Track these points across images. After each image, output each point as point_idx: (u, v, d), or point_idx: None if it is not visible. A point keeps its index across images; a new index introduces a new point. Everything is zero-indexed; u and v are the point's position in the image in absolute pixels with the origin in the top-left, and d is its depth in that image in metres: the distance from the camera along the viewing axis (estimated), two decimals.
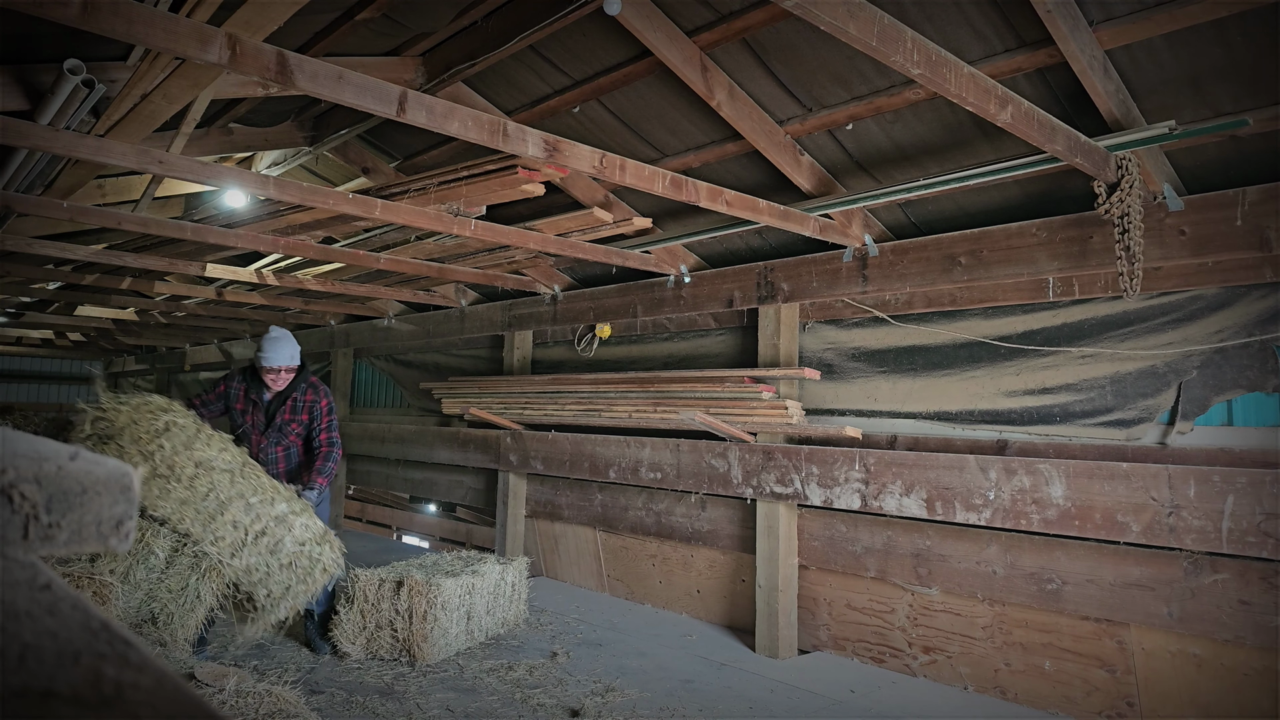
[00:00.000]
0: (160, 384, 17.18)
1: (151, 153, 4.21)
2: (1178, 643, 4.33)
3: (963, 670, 5.07)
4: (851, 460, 5.29)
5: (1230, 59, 3.66)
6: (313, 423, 5.49)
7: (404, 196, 5.29)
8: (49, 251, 6.62)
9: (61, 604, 0.56)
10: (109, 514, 0.63)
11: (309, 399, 5.49)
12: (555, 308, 7.90)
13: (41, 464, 0.60)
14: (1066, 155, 3.72)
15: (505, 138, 3.72)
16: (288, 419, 5.44)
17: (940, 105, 4.43)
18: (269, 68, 2.96)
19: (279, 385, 5.37)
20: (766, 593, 5.82)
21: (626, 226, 5.98)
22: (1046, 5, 3.50)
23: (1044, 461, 4.51)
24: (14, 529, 0.58)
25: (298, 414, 5.47)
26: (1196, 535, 4.01)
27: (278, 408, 5.41)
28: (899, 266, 5.34)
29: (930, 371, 5.47)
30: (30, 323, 12.99)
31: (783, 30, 4.29)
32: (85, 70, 3.66)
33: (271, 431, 5.42)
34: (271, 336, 5.33)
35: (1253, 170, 4.10)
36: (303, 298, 9.57)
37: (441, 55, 5.12)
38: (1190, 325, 4.47)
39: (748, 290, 6.24)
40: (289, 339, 5.38)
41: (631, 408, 6.66)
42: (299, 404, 5.47)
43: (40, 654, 0.49)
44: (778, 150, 4.98)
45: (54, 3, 2.50)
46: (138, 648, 0.53)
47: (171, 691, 0.49)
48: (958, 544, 5.07)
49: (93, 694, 0.47)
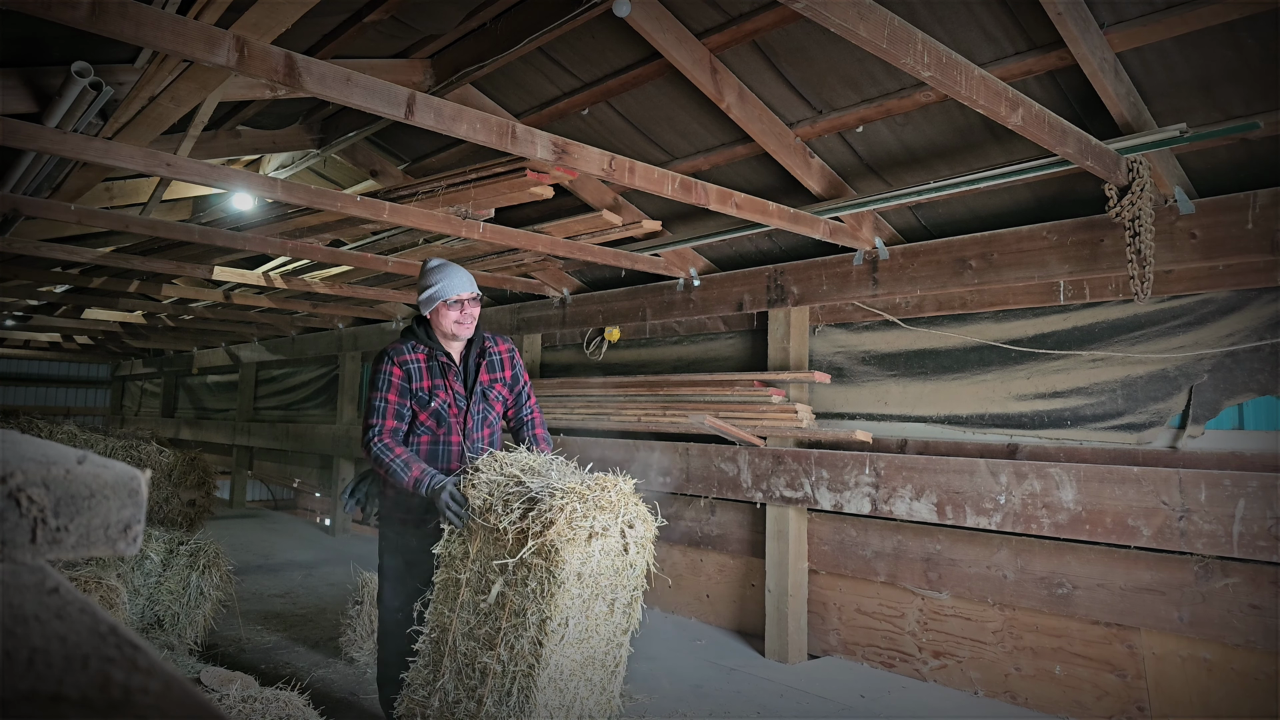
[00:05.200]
0: (168, 387, 17.24)
1: (159, 155, 4.22)
2: (1188, 647, 4.31)
3: (973, 675, 5.05)
4: (862, 464, 5.27)
5: (1241, 62, 3.64)
6: (516, 384, 4.01)
7: (412, 199, 5.30)
8: (56, 254, 6.64)
9: (69, 608, 0.55)
10: (117, 518, 0.62)
11: (502, 350, 3.98)
12: (564, 311, 7.90)
13: (49, 467, 0.60)
14: (1077, 158, 3.71)
15: (514, 140, 3.72)
16: (488, 380, 3.88)
17: (950, 108, 4.42)
18: (277, 70, 2.97)
19: (466, 330, 3.78)
20: (776, 597, 5.81)
21: (636, 229, 5.98)
22: (1057, 7, 3.49)
23: (1055, 465, 4.49)
24: (21, 532, 0.58)
25: (499, 372, 3.93)
26: (1207, 539, 3.99)
27: (475, 368, 3.85)
28: (909, 270, 5.32)
29: (941, 375, 5.45)
30: (38, 326, 13.05)
31: (793, 32, 4.29)
32: (93, 73, 3.67)
33: (476, 403, 3.82)
34: (436, 264, 3.85)
35: (1263, 173, 4.08)
36: (311, 301, 9.59)
37: (450, 57, 5.12)
38: (1201, 329, 4.45)
39: (757, 293, 6.23)
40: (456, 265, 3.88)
41: (641, 411, 6.65)
42: (495, 358, 3.93)
43: (49, 658, 0.49)
44: (788, 153, 4.97)
45: (62, 5, 2.50)
46: (146, 652, 0.52)
47: (179, 696, 0.49)
48: (968, 548, 5.06)
49: (101, 698, 0.47)
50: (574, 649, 3.04)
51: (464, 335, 3.79)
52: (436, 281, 3.74)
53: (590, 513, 2.95)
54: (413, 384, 3.72)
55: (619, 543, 3.06)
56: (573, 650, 3.04)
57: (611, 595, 3.13)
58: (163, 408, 17.30)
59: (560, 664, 2.99)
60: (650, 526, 3.18)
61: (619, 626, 3.20)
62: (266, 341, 13.06)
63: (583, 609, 3.02)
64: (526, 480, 3.16)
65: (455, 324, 3.73)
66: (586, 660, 3.12)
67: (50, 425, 7.31)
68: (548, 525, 2.88)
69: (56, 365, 20.17)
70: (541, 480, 3.15)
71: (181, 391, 17.23)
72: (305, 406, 12.78)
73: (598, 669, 3.18)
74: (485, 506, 3.13)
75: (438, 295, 3.72)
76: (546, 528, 2.88)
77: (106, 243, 7.27)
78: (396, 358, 3.74)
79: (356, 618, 5.33)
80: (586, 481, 3.09)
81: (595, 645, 3.13)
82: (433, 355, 3.77)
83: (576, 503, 2.93)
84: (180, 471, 6.77)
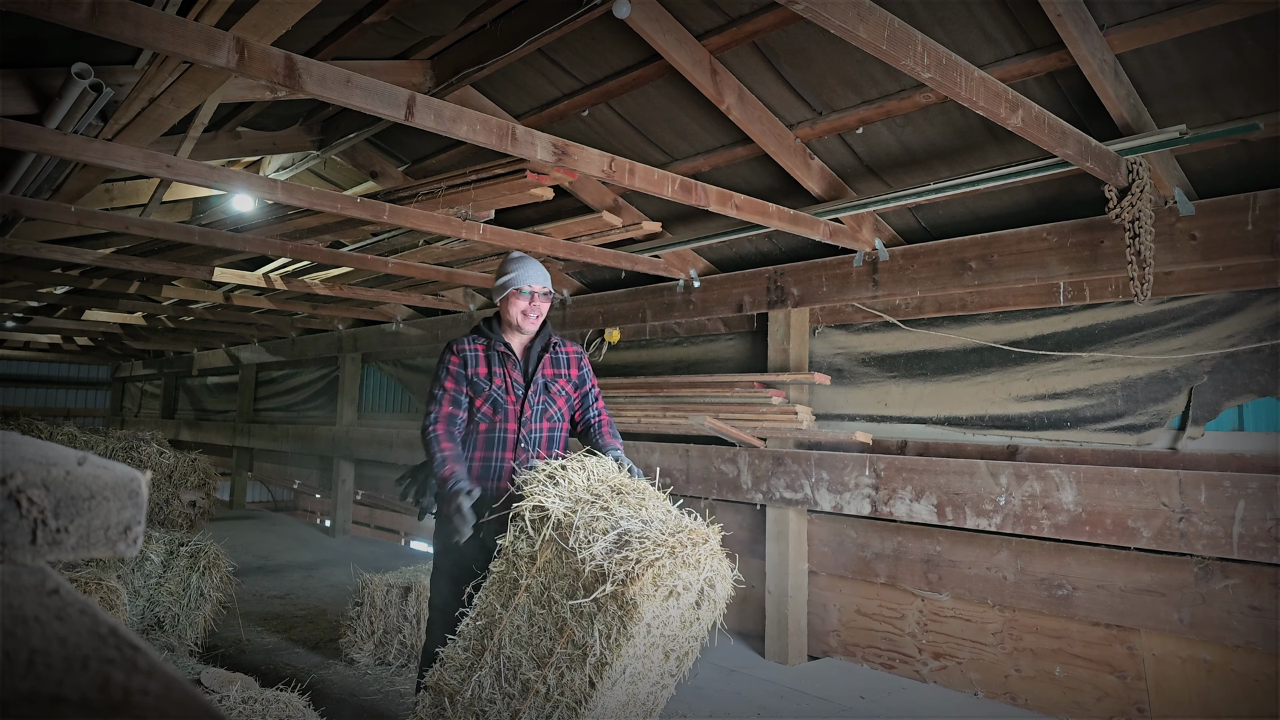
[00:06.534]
0: (168, 388, 17.24)
1: (159, 156, 4.22)
2: (1188, 648, 4.31)
3: (973, 676, 5.05)
4: (862, 465, 5.27)
5: (1241, 63, 3.64)
6: (582, 385, 3.93)
7: (413, 200, 5.30)
8: (56, 256, 6.65)
9: (70, 609, 0.55)
10: (117, 519, 0.62)
11: (570, 351, 3.93)
12: (564, 312, 7.90)
13: (49, 469, 0.60)
14: (1077, 159, 3.71)
15: (514, 141, 3.72)
16: (551, 374, 3.82)
17: (950, 109, 4.42)
18: (277, 71, 2.97)
19: (532, 323, 3.79)
20: (776, 598, 5.80)
21: (636, 231, 5.98)
22: (1057, 9, 3.49)
23: (1055, 467, 4.49)
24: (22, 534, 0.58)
25: (564, 369, 3.87)
26: (1207, 541, 3.99)
27: (538, 360, 3.81)
28: (909, 271, 5.32)
29: (941, 376, 5.45)
30: (38, 327, 13.07)
31: (793, 33, 4.29)
32: (93, 74, 3.67)
33: (535, 394, 3.75)
34: (517, 256, 3.88)
35: (1263, 174, 4.08)
36: (311, 302, 9.59)
37: (450, 59, 5.12)
38: (1201, 330, 4.45)
39: (757, 295, 6.23)
40: (536, 261, 3.89)
41: (641, 412, 6.65)
42: (562, 356, 3.88)
43: (49, 659, 0.49)
44: (788, 154, 4.97)
45: (62, 6, 2.50)
46: (146, 653, 0.52)
47: (180, 697, 0.49)
48: (968, 549, 5.06)
49: (101, 699, 0.47)
50: (623, 691, 2.97)
51: (529, 328, 3.79)
52: (513, 270, 3.77)
53: (677, 570, 2.79)
54: (468, 370, 3.72)
55: (695, 599, 2.93)
56: (621, 692, 2.96)
57: (672, 646, 3.04)
58: (163, 409, 17.31)
59: (606, 704, 2.91)
60: (728, 585, 3.04)
61: (670, 671, 3.13)
62: (266, 343, 13.06)
63: (642, 656, 2.93)
64: (615, 508, 3.00)
65: (522, 314, 3.74)
66: (630, 700, 3.05)
67: (50, 427, 7.33)
68: (632, 578, 2.71)
69: (56, 367, 20.19)
70: (630, 511, 3.00)
71: (181, 393, 17.23)
72: (305, 408, 12.79)
73: (638, 708, 3.11)
74: (565, 522, 2.97)
75: (511, 283, 3.75)
76: (630, 580, 2.71)
77: (107, 244, 7.26)
78: (456, 346, 3.78)
79: (357, 619, 5.32)
80: (678, 530, 2.91)
81: (642, 688, 3.06)
82: (492, 345, 3.77)
83: (666, 559, 2.76)
84: (181, 473, 6.78)
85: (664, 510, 3.11)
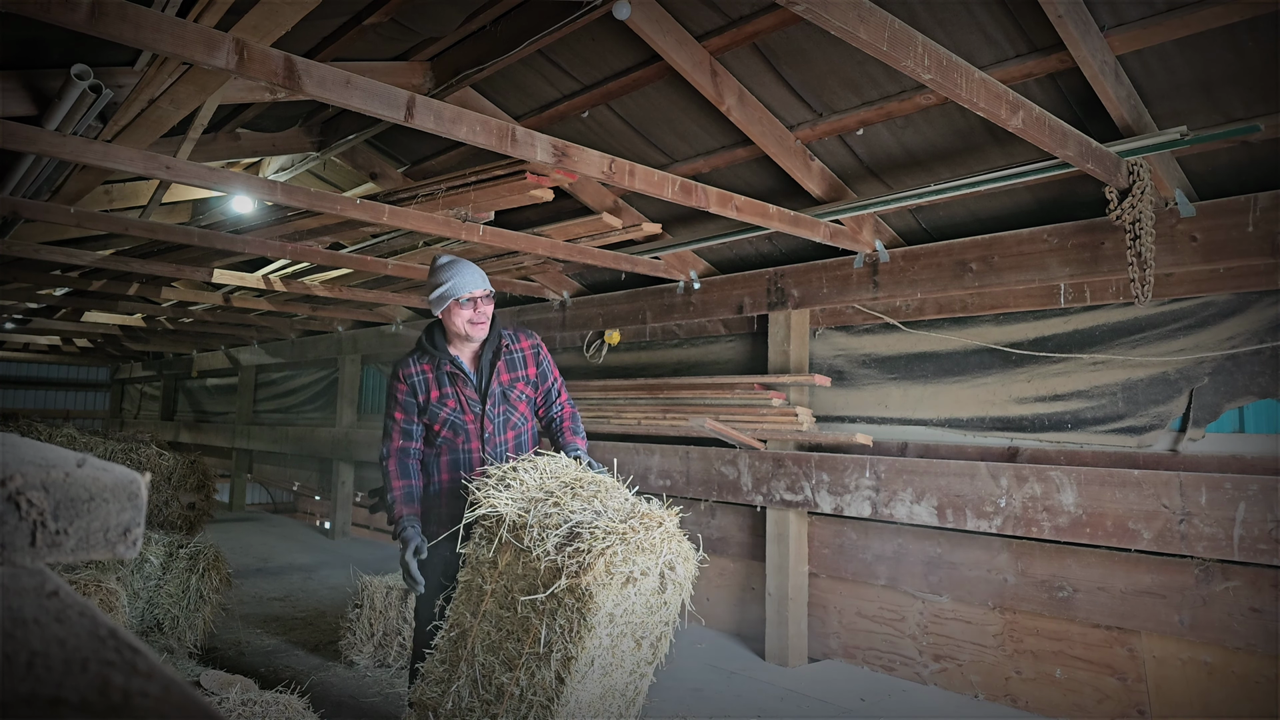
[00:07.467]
0: (167, 390, 17.24)
1: (159, 158, 4.22)
2: (1189, 650, 4.31)
3: (973, 678, 5.05)
4: (862, 467, 5.27)
5: (1242, 64, 3.64)
6: (543, 381, 3.73)
7: (412, 202, 5.29)
8: (56, 257, 6.64)
9: (69, 611, 0.55)
10: (116, 521, 0.62)
11: (525, 346, 3.70)
12: (564, 314, 7.90)
13: (49, 470, 0.60)
14: (1078, 161, 3.71)
15: (514, 143, 3.72)
16: (508, 380, 3.61)
17: (951, 110, 4.42)
18: (277, 73, 2.96)
19: (480, 330, 3.55)
20: (776, 601, 5.80)
21: (636, 232, 5.98)
22: (1058, 10, 3.49)
23: (1055, 469, 4.49)
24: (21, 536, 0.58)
25: (520, 370, 3.66)
26: (1208, 542, 3.99)
27: (490, 369, 3.59)
28: (910, 272, 5.32)
29: (941, 378, 5.45)
30: (37, 329, 13.07)
31: (793, 35, 4.29)
32: (92, 75, 3.67)
33: (494, 406, 3.57)
34: (446, 261, 3.61)
35: (1264, 176, 4.08)
36: (310, 304, 9.59)
37: (450, 60, 5.12)
38: (1202, 332, 4.45)
39: (758, 296, 6.23)
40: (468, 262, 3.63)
41: (641, 414, 6.65)
42: (516, 356, 3.66)
43: (48, 661, 0.49)
44: (788, 155, 4.97)
45: (61, 7, 2.50)
46: (145, 655, 0.52)
47: (179, 699, 0.49)
48: (969, 551, 5.06)
49: (101, 701, 0.46)
50: (596, 683, 2.94)
51: (478, 336, 3.56)
52: (447, 279, 3.50)
53: (631, 556, 2.76)
54: (419, 397, 3.55)
55: (656, 583, 2.90)
56: (594, 685, 2.94)
57: (642, 633, 3.02)
58: (162, 411, 17.31)
59: (580, 698, 2.89)
60: (691, 566, 3.02)
61: (644, 659, 3.11)
62: (266, 344, 13.06)
63: (610, 647, 2.90)
64: (567, 502, 2.99)
65: (469, 324, 3.50)
66: (607, 691, 3.03)
67: (50, 428, 7.31)
68: (584, 569, 2.68)
69: (56, 368, 20.19)
70: (584, 504, 2.98)
71: (181, 394, 17.23)
72: (305, 409, 12.79)
73: (617, 699, 3.09)
74: (520, 523, 2.96)
75: (449, 294, 3.48)
76: (583, 571, 2.68)
77: (106, 245, 7.27)
78: (401, 372, 3.58)
79: (356, 621, 5.32)
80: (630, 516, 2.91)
81: (618, 678, 3.04)
82: (439, 365, 3.55)
83: (618, 545, 2.74)
84: (180, 475, 6.77)
85: (620, 500, 3.10)
